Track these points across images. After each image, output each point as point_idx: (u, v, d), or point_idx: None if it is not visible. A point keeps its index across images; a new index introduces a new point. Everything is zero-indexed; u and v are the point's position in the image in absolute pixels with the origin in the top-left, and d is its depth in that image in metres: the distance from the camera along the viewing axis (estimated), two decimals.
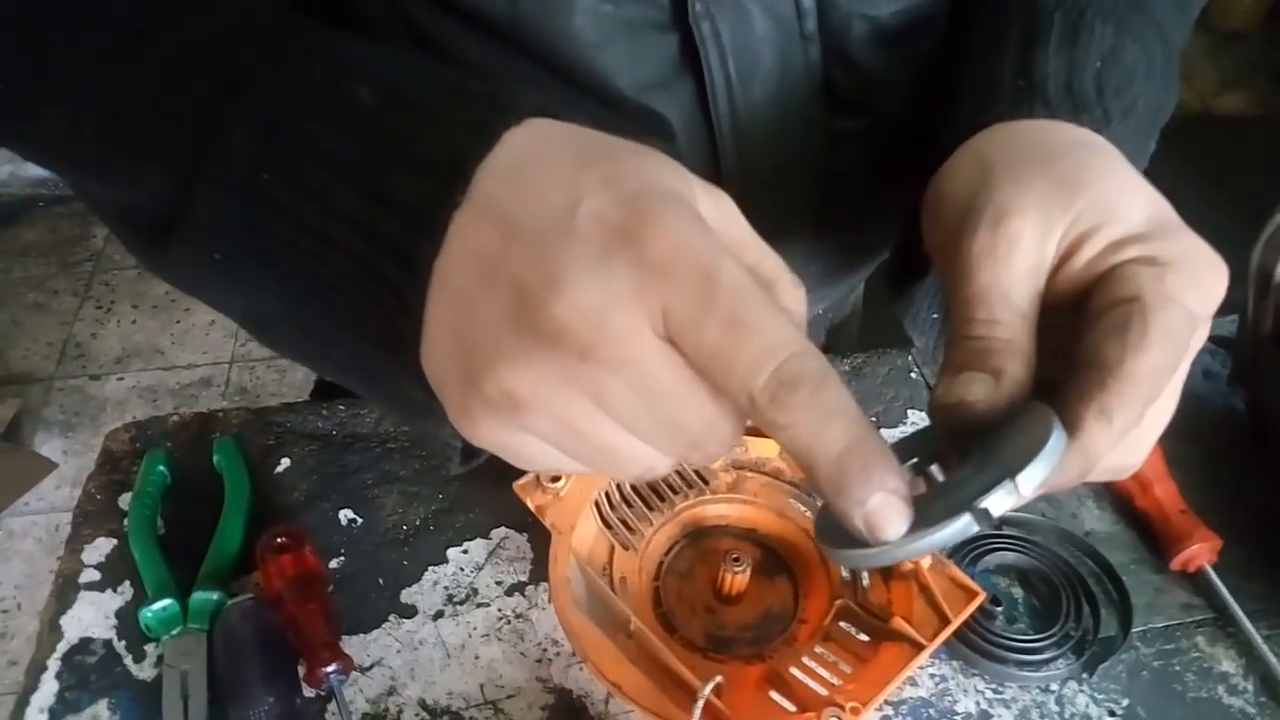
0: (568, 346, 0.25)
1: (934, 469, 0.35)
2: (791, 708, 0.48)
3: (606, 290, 0.25)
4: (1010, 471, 0.28)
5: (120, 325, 2.10)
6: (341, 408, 0.65)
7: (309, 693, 0.50)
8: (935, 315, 0.49)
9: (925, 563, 0.50)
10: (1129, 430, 0.31)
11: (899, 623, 0.49)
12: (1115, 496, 0.61)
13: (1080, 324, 0.33)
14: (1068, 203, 0.34)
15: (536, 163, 0.28)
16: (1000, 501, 0.28)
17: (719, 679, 0.46)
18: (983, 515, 0.29)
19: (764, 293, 0.26)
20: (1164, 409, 0.34)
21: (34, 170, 2.41)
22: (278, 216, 0.31)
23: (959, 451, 0.34)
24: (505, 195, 0.27)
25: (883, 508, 0.27)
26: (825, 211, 0.56)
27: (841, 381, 0.27)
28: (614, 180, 0.27)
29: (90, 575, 0.55)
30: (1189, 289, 0.32)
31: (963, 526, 0.29)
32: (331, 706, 0.50)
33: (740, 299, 0.25)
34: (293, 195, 0.30)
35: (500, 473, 0.54)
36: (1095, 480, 0.33)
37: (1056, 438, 0.29)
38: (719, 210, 0.29)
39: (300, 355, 0.39)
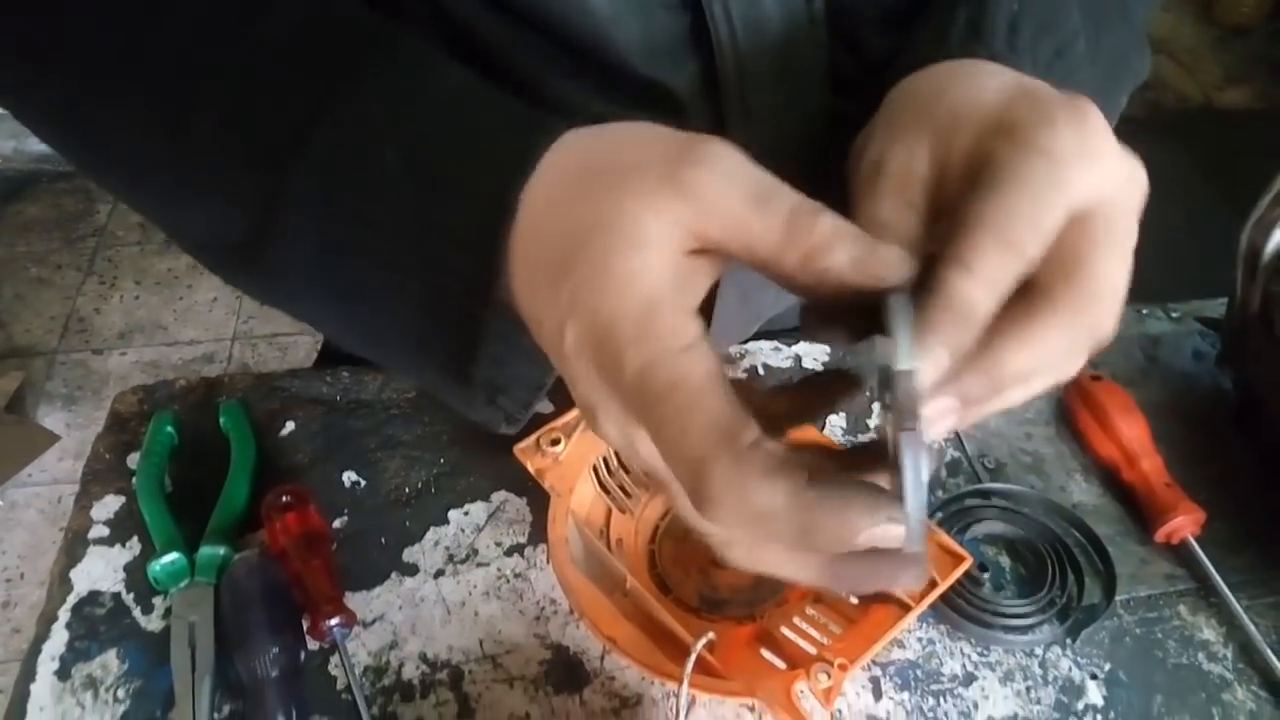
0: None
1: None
2: (781, 665, 0.49)
3: (602, 412, 0.31)
4: (888, 368, 0.28)
5: (123, 300, 2.11)
6: (345, 374, 0.66)
7: (313, 646, 0.52)
8: None
9: None
10: (999, 280, 0.29)
11: None
12: (1102, 470, 0.62)
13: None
14: (925, 119, 0.34)
15: (530, 265, 0.31)
16: (903, 409, 0.27)
17: (711, 635, 0.47)
18: (908, 431, 0.27)
19: (696, 399, 0.27)
20: (1093, 298, 0.30)
21: (38, 146, 2.42)
22: (344, 269, 0.35)
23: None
24: (521, 301, 0.32)
25: (879, 539, 0.27)
26: (827, 190, 0.57)
27: (768, 475, 0.26)
28: (578, 305, 0.29)
29: (99, 531, 0.56)
30: (1045, 135, 0.30)
31: (914, 463, 0.27)
32: (335, 659, 0.51)
33: (666, 423, 0.27)
34: (353, 258, 0.34)
35: (500, 439, 0.56)
36: (1040, 390, 0.32)
37: (896, 303, 0.29)
38: (702, 201, 0.29)
39: (360, 352, 0.41)
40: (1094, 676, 0.53)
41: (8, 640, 1.57)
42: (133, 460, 0.60)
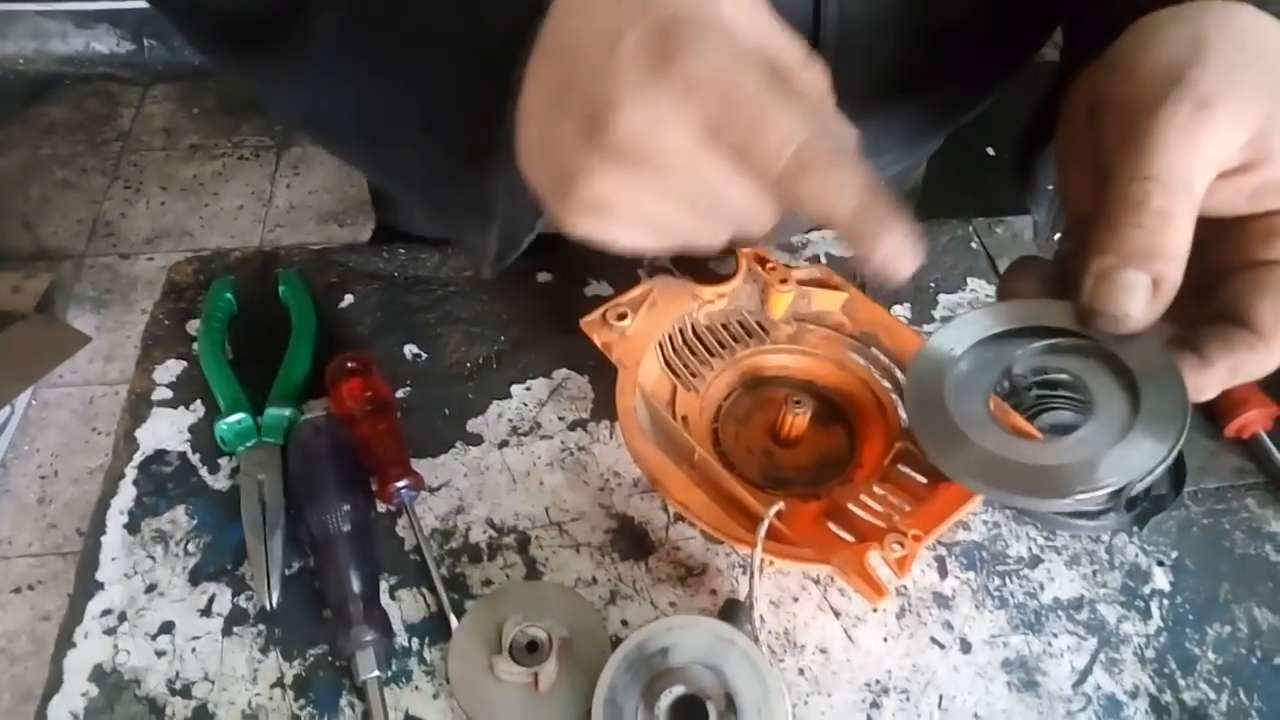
0: (630, 157, 0.30)
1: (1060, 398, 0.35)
2: (850, 538, 0.49)
3: (650, 109, 0.29)
4: (1151, 461, 0.29)
5: (149, 206, 2.10)
6: (401, 251, 0.65)
7: (381, 509, 0.52)
8: (1050, 187, 0.48)
9: None
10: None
11: None
12: None
13: (1222, 252, 0.33)
14: (1270, 112, 0.31)
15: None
16: (1137, 487, 0.29)
17: (781, 505, 0.47)
18: (1119, 497, 0.30)
19: (780, 91, 0.29)
20: None
21: (59, 48, 2.38)
22: (380, 29, 0.34)
23: (1079, 377, 0.33)
24: (565, 31, 0.32)
25: (894, 253, 0.30)
26: (920, 67, 0.55)
27: (853, 157, 0.30)
28: (648, 8, 0.30)
29: (162, 393, 0.56)
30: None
31: (1104, 502, 0.30)
32: (402, 521, 0.51)
33: (758, 102, 0.29)
34: (382, 32, 0.34)
35: (560, 318, 0.55)
36: None
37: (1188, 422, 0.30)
38: (744, 7, 0.31)
39: (361, 155, 0.41)
40: (1161, 563, 0.52)
41: (45, 534, 1.59)
42: (192, 327, 0.60)
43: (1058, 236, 0.40)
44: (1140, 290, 0.31)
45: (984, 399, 0.33)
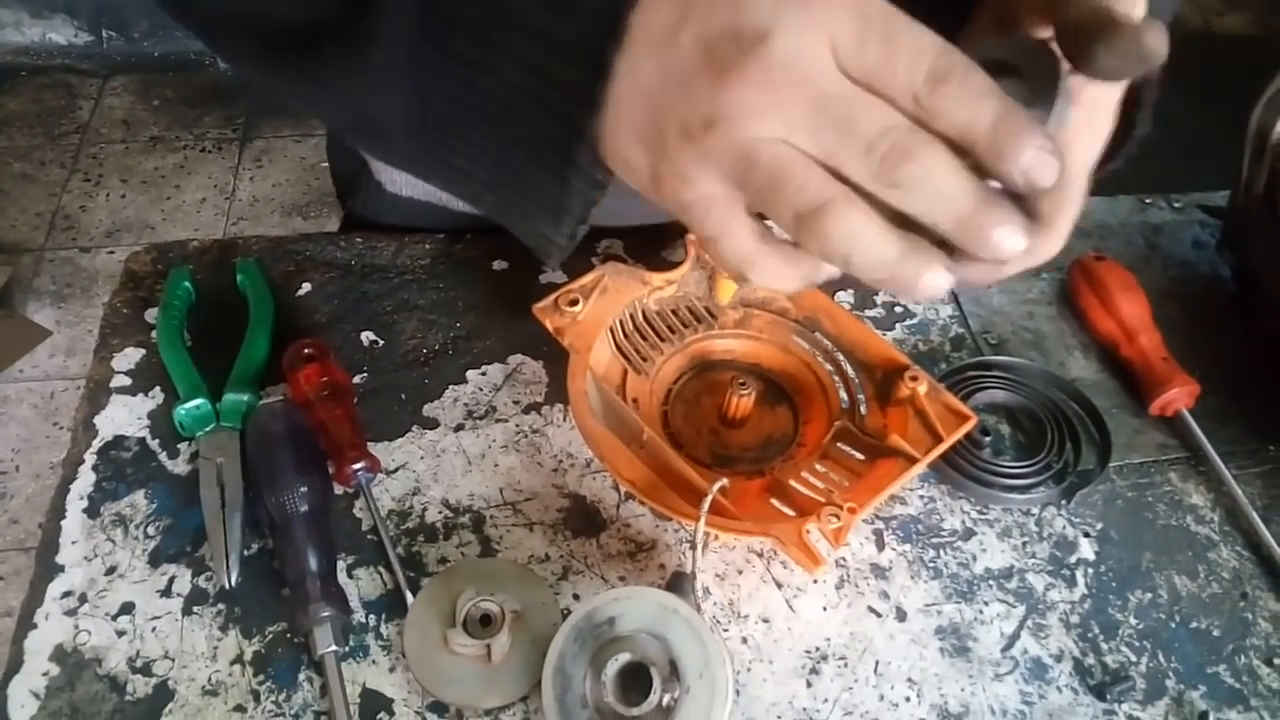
0: (769, 81, 0.31)
1: None
2: (791, 513, 0.51)
3: (789, 32, 0.30)
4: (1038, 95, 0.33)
5: (109, 199, 2.08)
6: (359, 240, 0.66)
7: (338, 491, 0.53)
8: None
9: (922, 389, 0.53)
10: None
11: (895, 440, 0.52)
12: (1101, 347, 0.64)
13: None
14: None
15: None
16: None
17: (725, 481, 0.49)
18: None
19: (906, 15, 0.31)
20: None
21: (14, 38, 2.35)
22: (455, 24, 0.34)
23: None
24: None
25: (1038, 161, 0.31)
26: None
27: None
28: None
29: (121, 380, 0.57)
30: None
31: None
32: (359, 503, 0.53)
33: (891, 21, 0.31)
34: (467, 9, 0.34)
35: (515, 305, 0.57)
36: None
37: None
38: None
39: (418, 156, 0.40)
40: (1087, 534, 0.55)
41: (6, 530, 1.58)
42: (150, 315, 0.60)
43: None
44: None
45: None
